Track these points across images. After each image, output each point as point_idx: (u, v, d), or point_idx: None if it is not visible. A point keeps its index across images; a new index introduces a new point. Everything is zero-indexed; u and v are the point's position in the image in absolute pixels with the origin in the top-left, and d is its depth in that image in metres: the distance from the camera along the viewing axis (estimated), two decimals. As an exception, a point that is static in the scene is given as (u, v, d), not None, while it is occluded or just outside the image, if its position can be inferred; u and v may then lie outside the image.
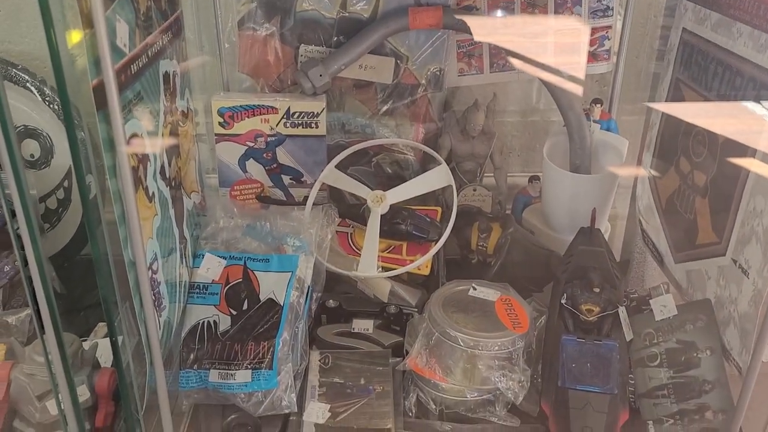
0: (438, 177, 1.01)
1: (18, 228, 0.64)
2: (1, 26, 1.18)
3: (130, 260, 0.69)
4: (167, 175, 0.88)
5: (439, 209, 1.11)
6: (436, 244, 1.04)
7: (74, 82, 0.62)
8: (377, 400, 0.92)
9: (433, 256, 1.05)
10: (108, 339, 0.74)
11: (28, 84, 1.14)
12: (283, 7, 1.11)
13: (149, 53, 0.80)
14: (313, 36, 1.13)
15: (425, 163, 1.21)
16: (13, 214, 0.66)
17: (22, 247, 0.67)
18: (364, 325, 1.06)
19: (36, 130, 1.19)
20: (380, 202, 1.00)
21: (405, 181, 1.17)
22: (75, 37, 0.61)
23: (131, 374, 0.75)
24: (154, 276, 0.80)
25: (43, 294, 0.68)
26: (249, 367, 0.87)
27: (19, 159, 0.63)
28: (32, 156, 1.21)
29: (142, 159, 0.78)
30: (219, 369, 0.87)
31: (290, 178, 1.15)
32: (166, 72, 0.88)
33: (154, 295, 0.79)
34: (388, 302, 1.05)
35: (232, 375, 0.86)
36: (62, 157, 1.21)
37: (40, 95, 1.15)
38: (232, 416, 0.88)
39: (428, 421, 0.91)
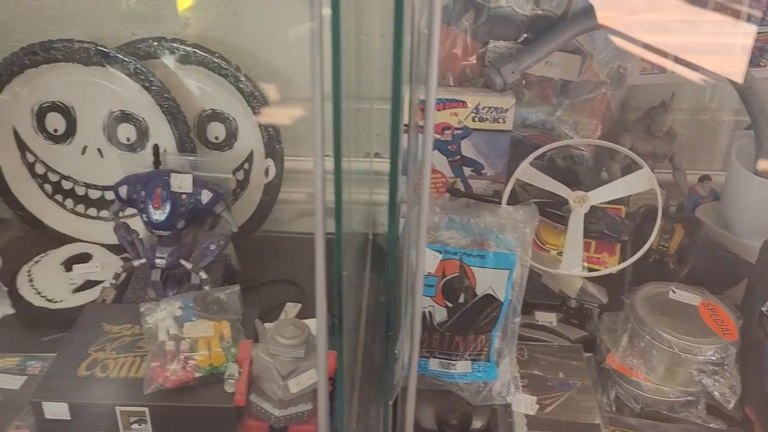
0: (640, 180, 1.03)
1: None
2: (200, 16, 1.22)
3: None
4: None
5: (623, 207, 1.13)
6: (623, 242, 1.06)
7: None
8: (579, 395, 0.96)
9: (620, 255, 1.08)
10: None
11: (224, 71, 1.18)
12: (478, 4, 1.13)
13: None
14: (503, 32, 1.15)
15: (599, 160, 1.23)
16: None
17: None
18: (547, 318, 1.09)
19: (223, 114, 1.24)
20: (582, 202, 1.02)
21: (577, 176, 1.20)
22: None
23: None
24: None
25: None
26: (468, 358, 0.91)
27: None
28: (216, 138, 1.26)
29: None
30: (439, 358, 0.91)
31: (471, 170, 1.18)
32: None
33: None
34: (573, 297, 1.08)
35: (453, 365, 0.90)
36: (245, 141, 1.26)
37: (234, 82, 1.19)
38: (451, 399, 0.92)
39: (633, 418, 0.94)
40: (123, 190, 1.09)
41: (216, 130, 1.25)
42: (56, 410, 0.90)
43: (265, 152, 1.24)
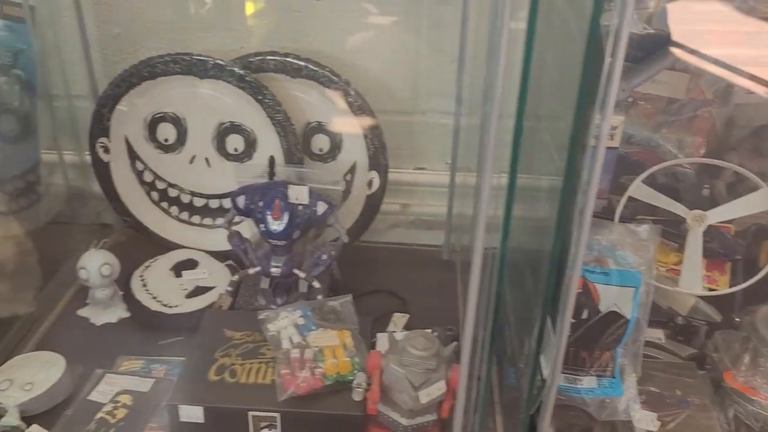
0: (761, 200, 1.03)
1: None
2: (307, 31, 1.25)
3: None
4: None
5: (731, 226, 1.13)
6: (734, 261, 1.07)
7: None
8: (698, 413, 0.97)
9: (730, 274, 1.08)
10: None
11: (334, 84, 1.21)
12: (589, 22, 1.14)
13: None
14: (612, 50, 1.16)
15: (701, 177, 1.23)
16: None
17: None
18: (655, 334, 1.10)
19: (323, 126, 1.27)
20: (701, 221, 1.03)
21: (678, 192, 1.20)
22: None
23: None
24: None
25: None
26: (594, 373, 0.92)
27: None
28: (321, 150, 1.29)
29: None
30: (565, 373, 0.92)
31: (575, 186, 1.19)
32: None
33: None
34: (683, 315, 1.08)
35: (579, 380, 0.92)
36: (349, 153, 1.28)
37: (344, 95, 1.22)
38: (571, 413, 0.93)
39: (754, 437, 0.94)
40: (241, 200, 1.12)
41: (321, 142, 1.28)
42: (191, 413, 0.93)
43: (369, 164, 1.27)
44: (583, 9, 0.67)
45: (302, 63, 1.20)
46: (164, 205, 1.35)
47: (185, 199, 1.34)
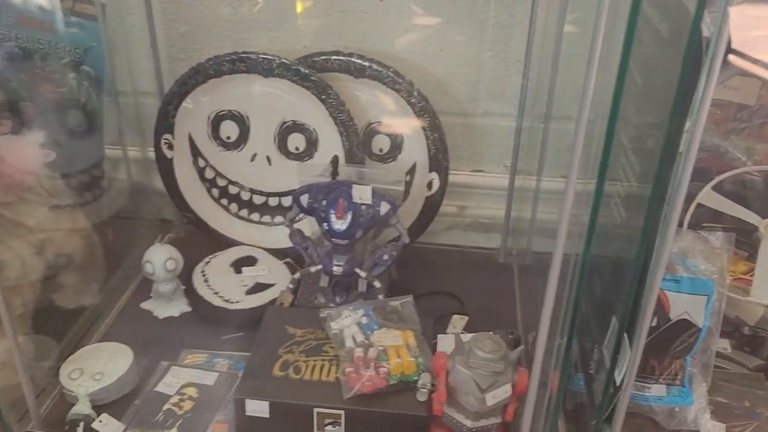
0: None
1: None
2: (369, 30, 1.26)
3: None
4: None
5: (802, 236, 1.10)
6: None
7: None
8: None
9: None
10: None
11: (397, 85, 1.21)
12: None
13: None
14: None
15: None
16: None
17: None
18: (721, 344, 1.08)
19: (384, 126, 1.27)
20: (774, 230, 1.01)
21: (746, 200, 1.17)
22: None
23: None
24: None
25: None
26: (663, 381, 0.91)
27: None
28: (381, 150, 1.30)
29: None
30: (635, 380, 0.91)
31: (640, 192, 1.17)
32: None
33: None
34: (751, 325, 1.06)
35: (648, 388, 0.91)
36: (409, 153, 1.29)
37: (407, 96, 1.22)
38: (636, 421, 0.92)
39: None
40: (304, 199, 1.13)
41: (381, 143, 1.29)
42: (257, 408, 0.94)
43: (429, 166, 1.27)
44: (678, 15, 0.66)
45: (366, 63, 1.21)
46: (224, 202, 1.37)
47: (245, 196, 1.35)
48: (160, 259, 1.14)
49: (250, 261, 1.29)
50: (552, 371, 0.81)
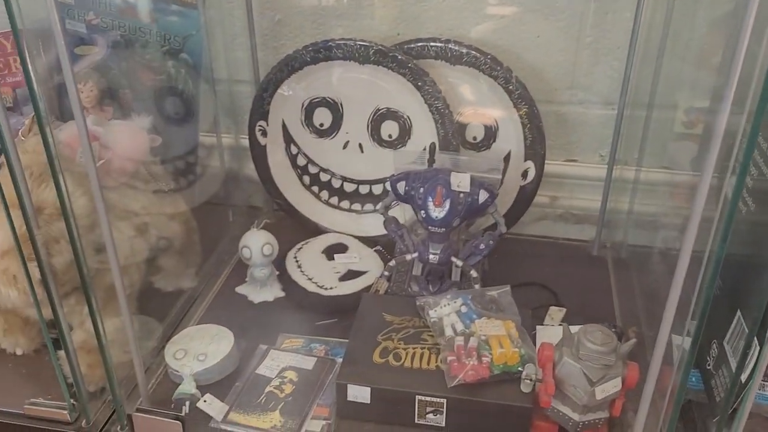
0: None
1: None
2: (466, 17, 1.24)
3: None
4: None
5: None
6: None
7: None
8: None
9: None
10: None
11: (495, 72, 1.19)
12: None
13: None
14: None
15: None
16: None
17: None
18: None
19: (479, 114, 1.25)
20: None
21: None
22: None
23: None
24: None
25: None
26: (783, 380, 0.87)
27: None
28: (474, 138, 1.28)
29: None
30: (754, 379, 0.87)
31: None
32: None
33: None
34: None
35: (766, 386, 0.87)
36: (504, 142, 1.26)
37: (504, 83, 1.20)
38: (751, 420, 0.88)
39: None
40: (401, 186, 1.13)
41: (475, 131, 1.27)
42: (359, 393, 0.94)
43: (525, 154, 1.25)
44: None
45: (464, 50, 1.19)
46: (315, 189, 1.37)
47: (336, 183, 1.35)
48: (258, 243, 1.16)
49: (341, 248, 1.29)
50: (668, 368, 0.79)
